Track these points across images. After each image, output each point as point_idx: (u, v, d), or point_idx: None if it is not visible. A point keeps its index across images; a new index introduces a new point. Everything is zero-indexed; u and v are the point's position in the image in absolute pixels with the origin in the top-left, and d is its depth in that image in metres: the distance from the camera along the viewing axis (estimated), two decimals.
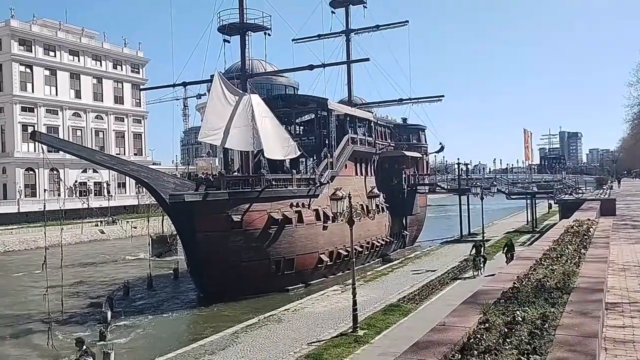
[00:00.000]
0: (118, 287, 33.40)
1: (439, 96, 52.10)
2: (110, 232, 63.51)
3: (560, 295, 7.26)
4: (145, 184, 29.21)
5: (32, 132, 30.13)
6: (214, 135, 32.94)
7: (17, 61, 75.79)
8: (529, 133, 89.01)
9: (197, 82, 42.59)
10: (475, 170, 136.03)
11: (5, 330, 25.10)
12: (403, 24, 51.29)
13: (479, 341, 5.23)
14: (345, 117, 42.55)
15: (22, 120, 76.00)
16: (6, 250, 54.86)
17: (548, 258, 10.36)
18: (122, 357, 19.57)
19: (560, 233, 14.81)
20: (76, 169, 77.73)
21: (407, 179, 47.23)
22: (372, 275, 30.31)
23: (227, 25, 37.48)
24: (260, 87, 46.13)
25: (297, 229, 32.13)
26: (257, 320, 21.39)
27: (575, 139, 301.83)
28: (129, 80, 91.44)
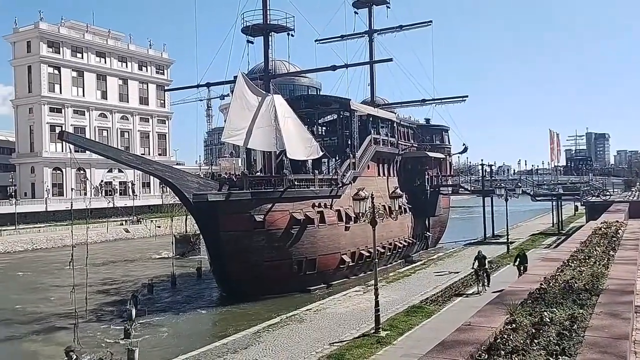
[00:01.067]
0: (142, 286, 33.84)
1: (463, 96, 51.61)
2: (135, 231, 64.42)
3: (589, 296, 7.12)
4: (169, 183, 29.52)
5: (60, 132, 30.75)
6: (237, 135, 33.13)
7: (46, 63, 77.45)
8: (555, 134, 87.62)
9: (221, 82, 42.89)
10: (500, 171, 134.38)
11: (32, 327, 25.61)
12: (427, 24, 50.93)
13: (506, 341, 5.15)
14: (367, 118, 42.42)
15: (50, 120, 77.61)
16: (34, 247, 56.05)
17: (576, 260, 10.17)
18: (146, 354, 19.79)
19: (588, 235, 14.54)
20: (102, 168, 79.07)
21: (430, 179, 46.87)
22: (395, 277, 30.15)
23: (250, 26, 37.67)
24: (283, 88, 46.29)
25: (319, 229, 32.12)
26: (279, 319, 21.45)
27: (603, 140, 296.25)
28: (154, 81, 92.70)
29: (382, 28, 50.92)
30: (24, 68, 78.51)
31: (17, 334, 24.46)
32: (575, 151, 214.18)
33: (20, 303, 31.46)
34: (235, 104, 33.47)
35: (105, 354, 19.25)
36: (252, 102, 33.74)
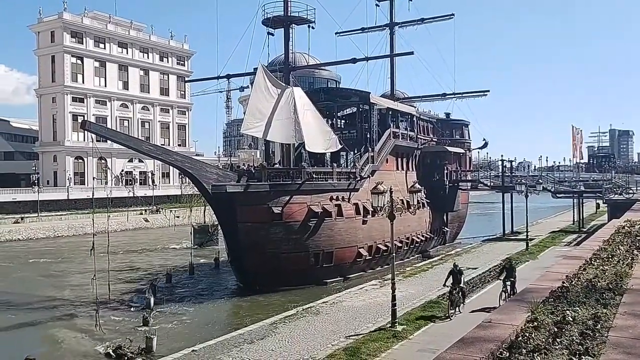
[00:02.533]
0: (161, 275, 34.21)
1: (484, 91, 50.95)
2: (154, 221, 65.15)
3: (613, 296, 7.00)
4: (188, 174, 29.72)
5: (83, 121, 31.16)
6: (256, 127, 33.18)
7: (69, 53, 78.43)
8: (577, 130, 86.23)
9: (241, 74, 42.90)
10: (520, 167, 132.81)
11: (53, 313, 26.07)
12: (449, 18, 50.27)
13: (527, 340, 5.08)
14: (387, 111, 42.16)
15: (72, 110, 78.67)
16: (56, 235, 56.99)
17: (598, 258, 10.01)
18: (164, 342, 20.01)
19: (611, 233, 14.31)
20: (123, 158, 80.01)
21: (449, 174, 46.49)
22: (412, 271, 30.06)
23: (271, 18, 37.59)
24: (303, 80, 46.22)
25: (336, 222, 32.10)
26: (295, 311, 21.53)
27: (627, 137, 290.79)
28: (175, 73, 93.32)
29: (404, 21, 50.43)
30: (47, 58, 79.60)
31: (38, 320, 24.92)
32: (598, 148, 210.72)
33: (41, 289, 32.06)
34: (255, 96, 33.50)
35: (124, 341, 19.55)
36: (272, 94, 33.74)
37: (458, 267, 20.29)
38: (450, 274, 19.91)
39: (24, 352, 17.88)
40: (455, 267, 20.22)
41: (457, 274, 19.88)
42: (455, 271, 19.94)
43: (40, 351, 21.11)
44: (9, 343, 22.12)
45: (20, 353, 18.04)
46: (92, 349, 20.28)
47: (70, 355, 20.30)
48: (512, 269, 20.74)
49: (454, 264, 20.82)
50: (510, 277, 20.09)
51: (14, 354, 20.18)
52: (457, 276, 19.82)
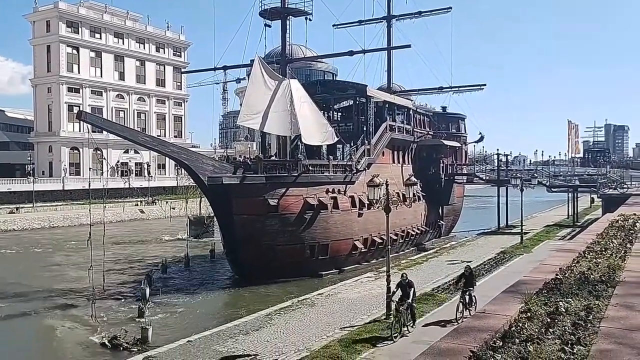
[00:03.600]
0: (156, 266, 34.24)
1: (481, 85, 51.02)
2: (150, 212, 65.09)
3: (605, 288, 7.09)
4: (185, 165, 29.68)
5: (79, 111, 31.05)
6: (253, 119, 33.13)
7: (65, 43, 77.92)
8: (573, 125, 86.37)
9: (237, 66, 42.77)
10: (515, 161, 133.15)
11: (49, 303, 26.07)
12: (446, 11, 50.16)
13: (520, 329, 5.15)
14: (384, 104, 42.15)
15: (68, 100, 78.28)
16: (51, 226, 56.92)
17: (592, 251, 10.11)
18: (160, 332, 20.08)
19: (605, 227, 14.44)
20: (118, 149, 79.76)
21: (445, 168, 46.60)
22: (407, 264, 30.19)
23: (268, 10, 37.43)
24: (300, 73, 46.09)
25: (332, 214, 32.18)
26: (290, 303, 21.62)
27: (622, 132, 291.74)
28: (171, 64, 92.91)
29: (401, 14, 50.32)
30: (43, 47, 79.10)
31: (33, 310, 24.92)
32: (594, 143, 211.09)
33: (37, 279, 32.03)
34: (252, 88, 33.43)
35: (119, 332, 19.61)
36: (269, 86, 33.67)
37: (407, 279, 16.96)
38: (399, 286, 16.91)
39: (19, 342, 17.91)
40: (403, 279, 16.93)
41: (406, 287, 16.74)
42: (403, 284, 16.83)
43: (36, 341, 21.18)
44: (3, 333, 22.14)
45: (15, 343, 18.07)
46: (87, 339, 20.31)
47: (65, 346, 20.35)
48: (472, 276, 18.36)
49: (403, 274, 17.34)
50: (470, 286, 17.78)
51: (9, 344, 20.24)
52: (406, 290, 16.69)
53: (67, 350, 19.86)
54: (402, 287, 16.76)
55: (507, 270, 26.49)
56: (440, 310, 18.99)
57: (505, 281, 20.59)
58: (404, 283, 16.81)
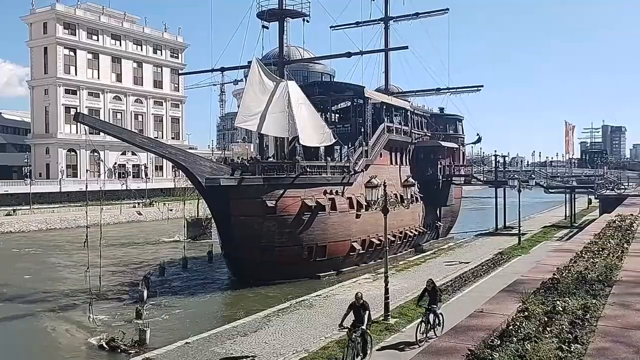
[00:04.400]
0: (154, 268, 34.18)
1: (478, 86, 51.12)
2: (147, 214, 65.03)
3: (602, 287, 7.11)
4: (182, 167, 29.66)
5: (76, 113, 31.00)
6: (251, 120, 33.14)
7: (62, 44, 77.87)
8: (570, 126, 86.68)
9: (235, 67, 42.75)
10: (513, 162, 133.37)
11: (46, 305, 26.00)
12: (443, 12, 50.26)
13: (518, 328, 5.17)
14: (381, 106, 42.18)
15: (65, 102, 78.20)
16: (48, 228, 56.76)
17: (589, 251, 10.14)
18: (157, 334, 20.04)
19: (602, 227, 14.48)
20: (116, 151, 79.66)
21: (443, 169, 46.62)
22: (404, 265, 30.21)
23: (266, 11, 37.44)
24: (297, 74, 46.15)
25: (330, 216, 32.17)
26: (288, 304, 21.61)
27: (619, 133, 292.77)
28: (168, 65, 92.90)
29: (398, 15, 50.38)
30: (40, 49, 79.03)
31: (31, 312, 24.86)
32: (591, 144, 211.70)
33: (34, 281, 31.96)
34: (249, 89, 33.42)
35: (117, 334, 19.57)
36: (266, 88, 33.68)
37: (362, 300, 13.88)
38: (351, 308, 13.87)
39: (16, 344, 17.86)
40: (357, 300, 13.87)
41: (359, 309, 13.76)
42: (357, 305, 13.82)
43: (33, 343, 21.11)
44: (0, 335, 22.06)
45: (12, 345, 18.03)
46: (85, 341, 20.26)
47: (63, 348, 20.29)
48: (435, 292, 15.65)
49: (357, 294, 14.22)
50: (433, 303, 15.31)
51: (6, 347, 20.17)
52: (360, 313, 13.74)
53: (64, 353, 19.80)
54: (355, 309, 13.80)
55: (505, 270, 26.50)
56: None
57: (504, 281, 20.62)
58: (358, 305, 13.78)
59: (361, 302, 13.74)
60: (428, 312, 15.14)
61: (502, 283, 19.51)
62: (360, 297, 13.91)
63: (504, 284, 18.06)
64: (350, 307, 13.89)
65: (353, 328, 13.52)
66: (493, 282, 22.61)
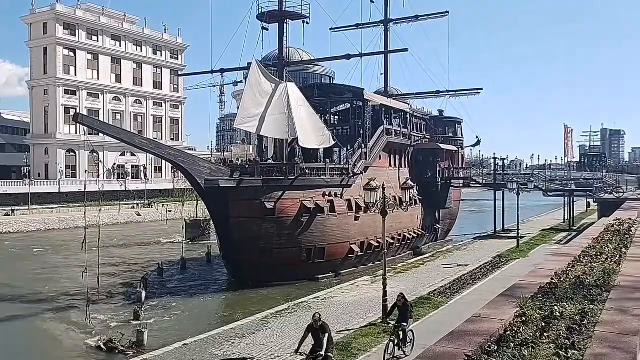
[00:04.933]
0: (152, 269, 34.16)
1: (477, 89, 51.20)
2: (146, 215, 65.00)
3: (600, 292, 7.11)
4: (181, 168, 29.66)
5: (75, 114, 31.00)
6: (250, 122, 33.15)
7: (62, 45, 77.83)
8: (569, 129, 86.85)
9: (235, 69, 42.80)
10: (512, 165, 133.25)
11: (44, 306, 25.98)
12: (443, 15, 50.38)
13: (515, 334, 5.17)
14: (380, 108, 42.22)
15: (64, 102, 78.15)
16: (47, 228, 56.71)
17: (587, 255, 10.14)
18: (155, 336, 20.03)
19: (600, 231, 14.49)
20: (115, 151, 79.60)
21: (442, 172, 46.65)
22: (403, 268, 30.21)
23: (265, 13, 37.49)
24: (297, 76, 46.15)
25: (329, 218, 32.17)
26: (287, 306, 21.61)
27: (618, 136, 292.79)
28: (168, 66, 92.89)
29: (398, 18, 50.48)
30: (40, 50, 78.99)
31: (28, 313, 24.85)
32: (590, 147, 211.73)
33: (32, 282, 31.92)
34: (249, 91, 33.45)
35: (115, 335, 19.55)
36: (266, 90, 33.71)
37: (320, 322, 12.46)
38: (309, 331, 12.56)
39: (14, 345, 17.83)
40: (315, 322, 12.46)
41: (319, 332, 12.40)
42: (315, 327, 12.46)
43: (31, 345, 21.08)
44: None
45: (10, 346, 18.00)
46: (83, 342, 20.24)
47: (60, 349, 20.27)
48: (406, 308, 14.36)
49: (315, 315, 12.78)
50: (404, 320, 14.17)
51: (3, 348, 20.14)
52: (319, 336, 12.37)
53: (62, 354, 19.79)
54: (314, 332, 12.50)
55: (504, 274, 26.56)
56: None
57: (502, 284, 20.67)
58: (316, 327, 12.43)
59: (320, 324, 12.39)
60: (397, 330, 14.04)
61: (500, 286, 19.50)
62: (318, 318, 12.48)
63: (503, 287, 18.00)
64: (308, 330, 12.58)
65: (312, 354, 12.35)
66: (492, 285, 22.64)
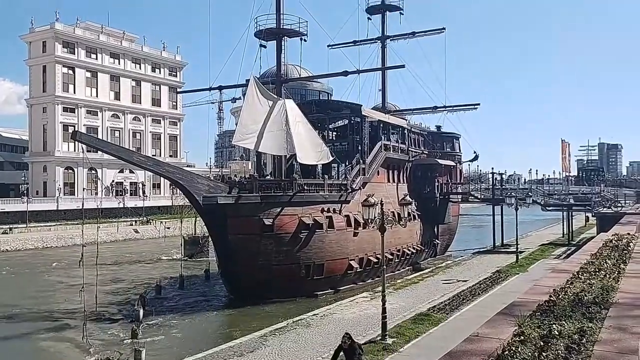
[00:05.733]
0: (150, 286, 33.97)
1: (475, 104, 51.49)
2: (144, 232, 64.76)
3: (599, 310, 7.08)
4: (179, 185, 29.67)
5: (73, 131, 31.06)
6: (248, 139, 33.25)
7: (61, 63, 78.24)
8: (566, 144, 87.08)
9: (233, 86, 43.04)
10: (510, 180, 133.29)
11: (42, 325, 25.79)
12: (439, 31, 50.83)
13: (513, 354, 5.14)
14: (378, 124, 42.39)
15: (63, 120, 78.33)
16: (45, 246, 56.49)
17: (585, 272, 10.11)
18: (153, 354, 19.86)
19: (599, 247, 14.46)
20: (113, 169, 79.62)
21: (440, 187, 46.70)
22: (402, 284, 30.07)
23: (263, 31, 37.82)
24: (295, 92, 46.37)
25: (327, 234, 32.11)
26: (285, 324, 21.47)
27: (615, 150, 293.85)
28: (167, 83, 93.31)
29: (395, 34, 50.94)
30: (39, 68, 79.36)
31: (26, 332, 24.66)
32: (587, 161, 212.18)
33: (29, 300, 31.71)
34: (247, 108, 33.60)
35: (112, 354, 19.38)
36: (264, 106, 33.86)
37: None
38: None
39: None
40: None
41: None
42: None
43: None
44: None
45: None
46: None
47: None
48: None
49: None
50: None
51: None
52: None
53: None
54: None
55: (503, 289, 26.45)
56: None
57: (502, 300, 20.59)
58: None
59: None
60: None
61: (500, 302, 19.41)
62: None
63: (502, 303, 17.94)
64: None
65: None
66: (491, 301, 22.54)
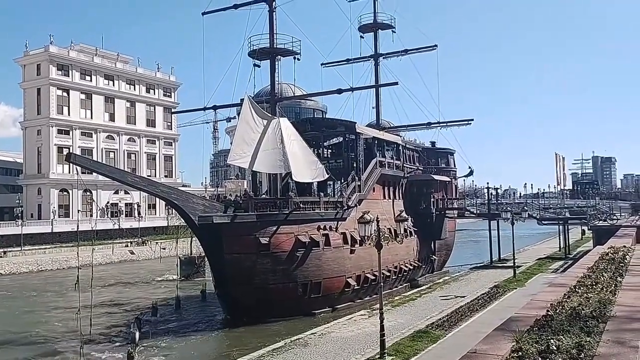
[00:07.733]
0: (146, 308, 33.67)
1: (469, 120, 51.79)
2: (140, 253, 64.30)
3: (596, 324, 7.06)
4: (175, 205, 29.60)
5: (68, 154, 31.04)
6: (243, 158, 33.29)
7: (55, 85, 78.50)
8: (560, 157, 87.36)
9: (227, 105, 43.23)
10: (506, 194, 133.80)
11: (38, 349, 25.49)
12: (432, 49, 51.40)
13: None
14: (373, 141, 42.56)
15: (57, 142, 78.31)
16: (39, 269, 55.98)
17: (583, 285, 10.11)
18: None
19: (595, 260, 14.47)
20: (108, 190, 79.42)
21: (436, 203, 46.76)
22: (400, 301, 29.92)
23: (257, 50, 38.11)
24: (289, 111, 46.60)
25: (324, 252, 32.01)
26: (283, 343, 21.28)
27: (609, 163, 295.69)
28: (161, 104, 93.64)
29: (388, 52, 51.46)
30: (33, 90, 79.59)
31: (21, 356, 24.33)
32: (582, 175, 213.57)
33: (24, 324, 31.37)
34: (242, 127, 33.71)
35: None
36: (258, 125, 33.97)
37: None
38: None
39: None
40: None
41: None
42: None
43: None
44: None
45: None
46: None
47: None
48: None
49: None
50: None
51: None
52: None
53: None
54: None
55: (501, 304, 26.36)
56: None
57: (500, 316, 20.48)
58: None
59: None
60: None
61: (498, 318, 19.33)
62: None
63: (501, 318, 17.88)
64: None
65: None
66: (489, 317, 22.44)
